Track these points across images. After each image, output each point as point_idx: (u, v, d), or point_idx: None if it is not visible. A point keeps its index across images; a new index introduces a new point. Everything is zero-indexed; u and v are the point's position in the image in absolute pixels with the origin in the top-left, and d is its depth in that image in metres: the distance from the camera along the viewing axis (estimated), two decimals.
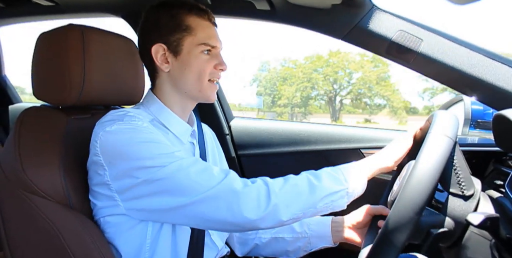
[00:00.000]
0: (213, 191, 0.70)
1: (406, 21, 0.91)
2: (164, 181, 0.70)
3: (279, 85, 25.61)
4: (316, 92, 25.45)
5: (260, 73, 27.51)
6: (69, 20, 1.27)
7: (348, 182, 0.77)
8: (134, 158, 0.72)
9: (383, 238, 0.62)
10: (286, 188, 0.73)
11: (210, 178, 0.71)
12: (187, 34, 0.83)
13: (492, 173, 1.01)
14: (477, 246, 0.66)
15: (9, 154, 0.79)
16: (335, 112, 24.73)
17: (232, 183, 0.71)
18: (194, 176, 0.70)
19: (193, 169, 0.71)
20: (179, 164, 0.71)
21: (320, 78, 24.72)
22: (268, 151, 1.49)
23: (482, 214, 0.60)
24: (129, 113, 0.80)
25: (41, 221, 0.76)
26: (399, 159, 0.83)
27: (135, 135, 0.74)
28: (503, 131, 0.70)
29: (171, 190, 0.71)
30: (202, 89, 0.85)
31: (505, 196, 0.71)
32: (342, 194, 0.75)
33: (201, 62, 0.84)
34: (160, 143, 0.75)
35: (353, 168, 0.80)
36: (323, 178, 0.76)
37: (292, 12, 1.03)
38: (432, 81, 1.02)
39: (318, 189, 0.74)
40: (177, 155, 0.73)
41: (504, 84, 0.82)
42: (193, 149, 0.91)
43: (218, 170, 0.74)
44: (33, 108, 0.86)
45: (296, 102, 25.31)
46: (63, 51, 0.82)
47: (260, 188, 0.72)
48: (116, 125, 0.75)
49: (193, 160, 0.74)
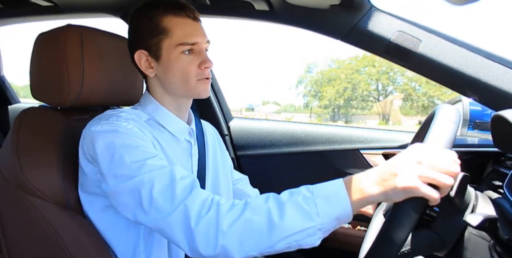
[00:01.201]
0: (169, 218, 0.66)
1: (405, 21, 0.91)
2: (129, 193, 0.69)
3: (323, 87, 25.33)
4: (358, 93, 24.88)
5: (306, 75, 27.31)
6: (67, 21, 1.27)
7: (321, 216, 0.62)
8: (107, 163, 0.72)
9: (383, 237, 0.62)
10: (238, 225, 0.63)
11: (171, 199, 0.66)
12: (163, 36, 0.80)
13: (490, 173, 1.01)
14: (475, 247, 0.65)
15: (7, 154, 0.79)
16: (385, 113, 24.09)
17: (189, 212, 0.65)
18: (156, 194, 0.67)
19: (157, 184, 0.68)
20: (146, 177, 0.68)
21: (363, 78, 24.30)
22: (267, 152, 1.49)
23: (480, 215, 0.59)
24: (120, 113, 0.79)
25: (38, 222, 0.76)
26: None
27: (113, 138, 0.73)
28: (502, 132, 0.70)
29: (135, 204, 0.69)
30: (190, 89, 0.83)
31: (504, 196, 0.71)
32: (311, 231, 0.62)
33: (182, 64, 0.81)
34: (137, 148, 0.72)
35: (337, 193, 0.63)
36: (287, 212, 0.62)
37: (290, 13, 1.03)
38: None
39: (278, 228, 0.62)
40: (149, 163, 0.70)
41: (503, 85, 0.82)
42: (190, 147, 0.91)
43: (183, 184, 0.68)
44: (31, 109, 0.86)
45: (338, 104, 25.03)
46: (62, 51, 0.82)
47: (210, 222, 0.64)
48: (99, 126, 0.75)
49: (161, 172, 0.69)
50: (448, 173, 0.57)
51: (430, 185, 0.57)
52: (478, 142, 1.25)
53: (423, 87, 23.03)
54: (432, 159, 0.58)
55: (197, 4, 1.11)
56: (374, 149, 1.38)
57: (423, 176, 0.57)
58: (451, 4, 0.60)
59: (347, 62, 25.11)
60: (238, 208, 0.65)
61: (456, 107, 0.70)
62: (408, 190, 0.57)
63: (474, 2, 0.58)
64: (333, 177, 1.45)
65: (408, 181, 0.57)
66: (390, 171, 0.60)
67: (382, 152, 1.37)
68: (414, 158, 0.59)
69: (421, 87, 23.27)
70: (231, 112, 1.63)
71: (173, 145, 0.85)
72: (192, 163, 0.90)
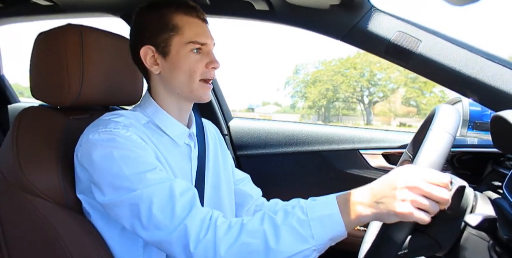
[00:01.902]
0: (168, 237, 0.67)
1: (405, 22, 0.91)
2: (128, 207, 0.69)
3: (307, 88, 25.95)
4: (339, 94, 25.60)
5: (294, 76, 27.91)
6: (67, 20, 1.27)
7: (315, 238, 0.63)
8: (105, 174, 0.71)
9: (382, 237, 0.62)
10: (235, 249, 0.64)
11: (171, 217, 0.67)
12: (174, 33, 0.81)
13: (490, 174, 1.01)
14: (475, 247, 0.66)
15: (7, 154, 0.79)
16: (368, 114, 24.67)
17: (188, 233, 0.66)
18: (155, 210, 0.67)
19: (156, 200, 0.68)
20: (145, 193, 0.69)
21: (344, 80, 24.87)
22: (267, 151, 1.50)
23: (480, 215, 0.60)
24: (119, 118, 0.79)
25: (38, 221, 0.76)
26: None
27: (111, 148, 0.72)
28: (501, 132, 0.70)
29: (132, 218, 0.70)
30: (193, 89, 0.83)
31: (503, 197, 0.71)
32: (306, 253, 0.64)
33: (191, 62, 0.81)
34: (137, 159, 0.72)
35: (331, 215, 0.64)
36: (282, 236, 0.64)
37: (290, 13, 1.03)
38: None
39: (274, 252, 0.63)
40: (148, 177, 0.70)
41: (502, 85, 0.82)
42: (189, 151, 0.90)
43: (183, 201, 0.69)
44: (31, 108, 0.86)
45: (321, 104, 25.51)
46: (62, 51, 0.82)
47: (207, 246, 0.65)
48: (97, 134, 0.74)
49: (160, 188, 0.70)
50: (440, 200, 0.59)
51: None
52: (477, 142, 1.25)
53: (401, 88, 23.55)
54: (423, 184, 0.59)
55: (197, 4, 1.11)
56: (374, 149, 1.38)
57: (416, 202, 0.59)
58: (451, 4, 0.60)
59: (332, 63, 25.78)
60: (235, 230, 0.66)
61: (455, 109, 0.70)
62: (402, 216, 0.59)
63: (474, 2, 0.58)
64: (332, 177, 1.46)
65: (402, 207, 0.59)
66: (385, 194, 0.61)
67: (382, 152, 1.37)
68: (407, 183, 0.60)
69: (400, 89, 23.76)
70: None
71: (172, 149, 0.85)
72: (191, 166, 0.89)
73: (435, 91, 22.93)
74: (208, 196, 0.90)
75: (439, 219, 0.63)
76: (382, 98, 24.74)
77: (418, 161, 0.63)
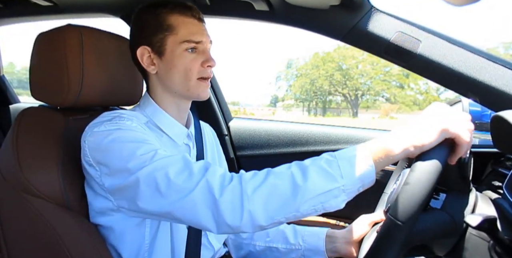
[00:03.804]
0: (191, 195, 0.65)
1: (405, 22, 0.91)
2: (144, 182, 0.67)
3: (293, 82, 26.67)
4: (315, 87, 26.34)
5: (286, 71, 28.62)
6: (67, 20, 1.27)
7: (344, 177, 0.62)
8: (117, 159, 0.70)
9: (382, 241, 0.62)
10: (262, 190, 0.63)
11: (189, 178, 0.66)
12: (168, 33, 0.82)
13: (490, 174, 1.01)
14: (475, 247, 0.66)
15: (6, 154, 0.79)
16: (354, 107, 24.99)
17: (211, 185, 0.65)
18: (173, 176, 0.66)
19: (172, 168, 0.67)
20: (159, 164, 0.68)
21: (322, 74, 25.59)
22: (267, 152, 1.49)
23: (480, 215, 0.60)
24: (122, 114, 0.79)
25: (38, 222, 0.76)
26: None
27: (120, 134, 0.72)
28: (501, 132, 0.70)
29: (151, 192, 0.68)
30: (190, 88, 0.84)
31: (503, 197, 0.71)
32: (335, 193, 0.62)
33: (186, 61, 0.82)
34: (144, 142, 0.72)
35: (359, 153, 0.64)
36: (310, 174, 0.63)
37: (290, 13, 1.03)
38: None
39: (302, 190, 0.62)
40: (159, 153, 0.70)
41: (502, 85, 0.82)
42: (188, 151, 0.91)
43: (198, 165, 0.68)
44: (31, 108, 0.86)
45: (302, 98, 26.09)
46: (62, 51, 0.82)
47: (234, 190, 0.64)
48: (103, 126, 0.74)
49: (173, 159, 0.69)
50: (470, 142, 0.64)
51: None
52: (478, 143, 1.25)
53: (372, 82, 24.17)
54: (454, 116, 0.64)
55: (197, 4, 1.11)
56: None
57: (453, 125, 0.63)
58: (451, 5, 0.60)
59: (313, 57, 26.45)
60: (261, 174, 0.66)
61: (445, 105, 0.70)
62: (450, 133, 0.63)
63: (474, 2, 0.58)
64: None
65: (453, 127, 0.63)
66: (418, 127, 0.64)
67: None
68: (454, 116, 0.65)
69: (370, 82, 24.44)
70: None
71: (171, 149, 0.85)
72: None
73: (412, 85, 23.40)
74: None
75: (451, 192, 0.65)
76: (357, 92, 25.34)
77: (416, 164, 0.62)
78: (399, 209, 0.59)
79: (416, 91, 24.04)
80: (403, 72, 23.12)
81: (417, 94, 24.38)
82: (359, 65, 24.90)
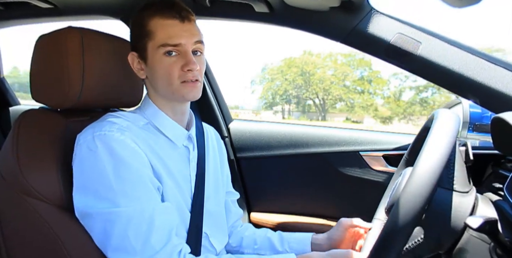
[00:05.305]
0: None
1: (405, 24, 0.91)
2: (102, 221, 0.70)
3: (264, 85, 27.75)
4: (280, 92, 27.13)
5: (261, 75, 29.14)
6: (68, 23, 1.27)
7: None
8: (92, 181, 0.72)
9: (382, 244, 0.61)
10: None
11: (143, 244, 0.69)
12: (148, 39, 0.81)
13: (490, 176, 1.01)
14: (476, 249, 0.65)
15: (7, 156, 0.79)
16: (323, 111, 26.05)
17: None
18: (131, 233, 0.69)
19: (134, 224, 0.70)
20: (125, 212, 0.70)
21: (283, 78, 26.50)
22: (267, 154, 1.49)
23: (480, 217, 0.59)
24: (116, 119, 0.79)
25: (38, 223, 0.76)
26: None
27: (104, 157, 0.72)
28: (502, 134, 0.70)
29: (104, 233, 0.71)
30: (174, 91, 0.82)
31: (504, 199, 0.71)
32: None
33: (165, 65, 0.80)
34: (128, 171, 0.72)
35: None
36: None
37: (290, 15, 1.03)
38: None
39: None
40: (134, 195, 0.71)
41: (503, 87, 0.82)
42: (187, 153, 0.90)
43: (160, 235, 0.71)
44: (31, 110, 0.85)
45: (268, 102, 27.48)
46: (62, 53, 0.82)
47: None
48: (91, 138, 0.74)
49: (143, 211, 0.71)
50: None
51: None
52: (478, 144, 1.25)
53: (331, 88, 25.07)
54: None
55: (197, 6, 1.11)
56: (375, 151, 1.38)
57: None
58: (451, 6, 0.60)
59: (281, 63, 26.99)
60: None
61: (455, 114, 0.69)
62: None
63: (474, 4, 0.59)
64: (333, 179, 1.46)
65: None
66: None
67: (382, 154, 1.37)
68: None
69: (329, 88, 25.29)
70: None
71: (170, 151, 0.85)
72: (190, 168, 0.89)
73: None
74: (208, 198, 0.90)
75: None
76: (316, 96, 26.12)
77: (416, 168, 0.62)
78: (400, 208, 0.59)
79: (377, 96, 24.95)
80: (369, 78, 24.10)
81: (379, 98, 25.33)
82: (317, 70, 25.65)
